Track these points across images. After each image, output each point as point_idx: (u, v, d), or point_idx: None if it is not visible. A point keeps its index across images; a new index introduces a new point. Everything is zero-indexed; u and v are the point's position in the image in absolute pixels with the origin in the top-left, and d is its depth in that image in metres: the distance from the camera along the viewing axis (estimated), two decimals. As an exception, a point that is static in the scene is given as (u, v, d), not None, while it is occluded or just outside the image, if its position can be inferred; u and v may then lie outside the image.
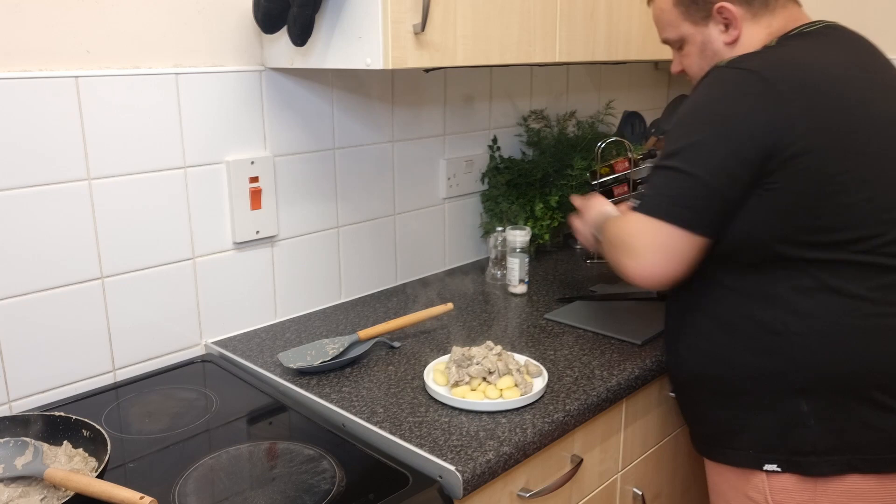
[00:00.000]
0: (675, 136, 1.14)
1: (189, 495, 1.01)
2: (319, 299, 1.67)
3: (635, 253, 1.13)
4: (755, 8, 1.21)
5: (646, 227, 1.13)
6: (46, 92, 1.20)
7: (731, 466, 1.23)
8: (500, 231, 1.82)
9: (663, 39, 1.33)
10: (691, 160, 1.10)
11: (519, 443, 1.12)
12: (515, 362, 1.28)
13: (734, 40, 1.22)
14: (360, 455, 1.11)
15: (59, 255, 1.25)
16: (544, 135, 2.09)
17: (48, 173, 1.22)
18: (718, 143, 1.09)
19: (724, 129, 1.09)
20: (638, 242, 1.13)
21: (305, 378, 1.32)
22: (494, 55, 1.41)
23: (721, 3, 1.21)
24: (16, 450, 1.05)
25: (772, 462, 1.17)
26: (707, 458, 1.30)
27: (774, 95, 1.07)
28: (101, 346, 1.33)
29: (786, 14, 1.22)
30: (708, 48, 1.25)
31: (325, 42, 1.31)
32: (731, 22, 1.21)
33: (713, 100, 1.13)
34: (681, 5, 1.26)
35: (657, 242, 1.12)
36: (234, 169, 1.45)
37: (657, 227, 1.11)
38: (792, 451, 1.15)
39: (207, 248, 1.45)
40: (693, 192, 1.10)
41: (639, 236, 1.13)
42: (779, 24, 1.21)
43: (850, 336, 1.11)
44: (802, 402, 1.13)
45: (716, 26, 1.23)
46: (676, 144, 1.13)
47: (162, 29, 1.32)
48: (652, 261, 1.12)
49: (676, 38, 1.30)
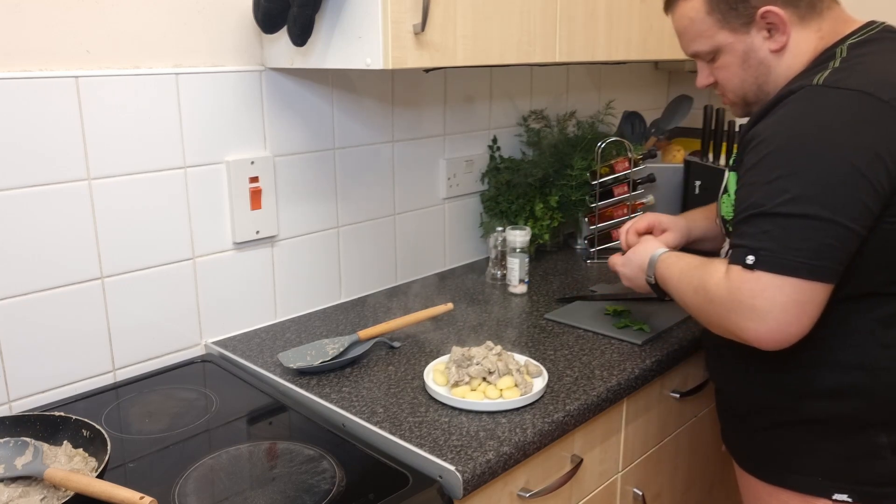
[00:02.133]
0: (787, 175, 1.00)
1: (189, 495, 1.01)
2: (319, 299, 1.67)
3: (761, 315, 1.00)
4: (802, 10, 1.11)
5: (773, 285, 0.99)
6: (46, 92, 1.20)
7: (791, 491, 1.16)
8: (500, 231, 1.82)
9: (692, 53, 1.22)
10: (826, 204, 0.97)
11: (519, 443, 1.12)
12: (515, 362, 1.28)
13: (781, 47, 1.12)
14: (360, 455, 1.11)
15: (59, 255, 1.25)
16: (544, 135, 2.09)
17: (48, 173, 1.22)
18: (853, 180, 0.97)
19: (855, 163, 0.97)
20: (764, 304, 0.99)
21: (305, 378, 1.32)
22: (494, 55, 1.41)
23: (767, 7, 1.10)
24: (16, 450, 1.05)
25: (842, 492, 1.11)
26: (764, 480, 1.21)
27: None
28: (101, 346, 1.33)
29: (833, 16, 1.13)
30: (752, 57, 1.14)
31: (325, 42, 1.31)
32: (778, 27, 1.11)
33: (828, 129, 1.00)
34: (716, 12, 1.14)
35: (789, 301, 0.99)
36: (234, 169, 1.45)
37: (790, 285, 0.98)
38: (865, 482, 1.10)
39: (207, 248, 1.45)
40: (832, 241, 0.98)
41: (764, 296, 0.99)
42: (828, 28, 1.12)
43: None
44: (882, 435, 1.08)
45: (759, 33, 1.12)
46: (797, 186, 0.98)
47: (162, 29, 1.32)
48: (784, 321, 0.99)
49: (710, 49, 1.18)
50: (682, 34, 1.22)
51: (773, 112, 1.07)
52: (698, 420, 1.64)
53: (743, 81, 1.18)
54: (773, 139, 1.03)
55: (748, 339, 1.03)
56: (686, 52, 1.24)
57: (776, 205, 1.00)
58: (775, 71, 1.15)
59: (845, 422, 1.10)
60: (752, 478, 1.24)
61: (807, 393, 1.12)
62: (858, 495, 1.11)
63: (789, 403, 1.14)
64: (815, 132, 1.01)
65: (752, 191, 1.04)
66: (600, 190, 1.97)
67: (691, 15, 1.17)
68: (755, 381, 1.18)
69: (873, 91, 1.00)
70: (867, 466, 1.10)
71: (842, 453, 1.11)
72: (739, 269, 1.03)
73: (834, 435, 1.12)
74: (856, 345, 1.08)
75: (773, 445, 1.19)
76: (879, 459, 1.10)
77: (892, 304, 1.07)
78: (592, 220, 2.00)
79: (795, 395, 1.13)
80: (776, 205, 1.00)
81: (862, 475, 1.11)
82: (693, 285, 1.14)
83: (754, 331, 1.01)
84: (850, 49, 1.08)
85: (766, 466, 1.21)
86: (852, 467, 1.11)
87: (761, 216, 1.01)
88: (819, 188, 0.98)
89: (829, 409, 1.11)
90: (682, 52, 1.26)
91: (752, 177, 1.05)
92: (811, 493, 1.14)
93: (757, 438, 1.21)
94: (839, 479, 1.12)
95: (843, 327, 1.08)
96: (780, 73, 1.14)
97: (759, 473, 1.22)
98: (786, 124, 1.03)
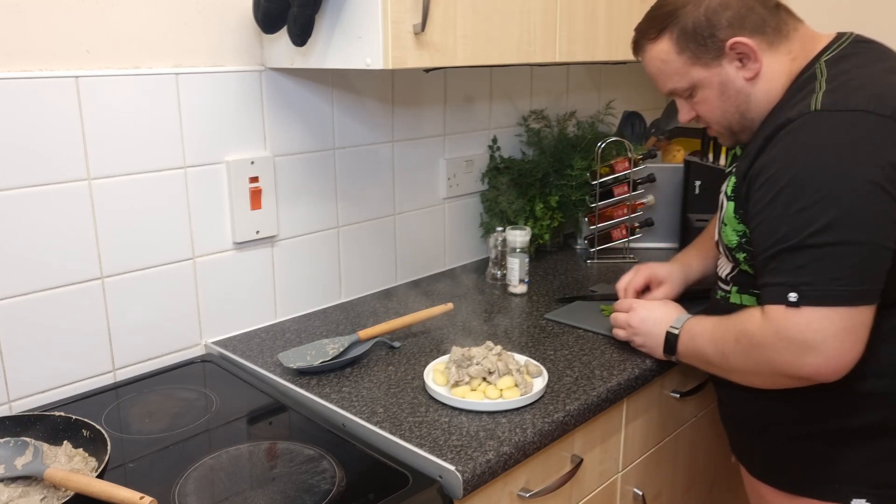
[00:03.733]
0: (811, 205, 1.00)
1: (189, 495, 1.01)
2: (319, 299, 1.67)
3: (815, 348, 1.00)
4: (770, 36, 1.13)
5: (821, 317, 0.99)
6: (46, 92, 1.20)
7: (808, 499, 1.16)
8: (500, 231, 1.82)
9: (668, 91, 1.23)
10: (857, 227, 0.98)
11: (519, 443, 1.12)
12: (515, 362, 1.28)
13: (755, 74, 1.13)
14: (360, 455, 1.11)
15: (59, 255, 1.25)
16: (544, 135, 2.09)
17: (48, 173, 1.22)
18: (878, 199, 0.98)
19: (874, 180, 0.98)
20: (816, 336, 1.00)
21: (305, 378, 1.32)
22: (494, 55, 1.41)
23: (735, 39, 1.11)
24: (16, 450, 1.05)
25: (860, 496, 1.11)
26: (779, 488, 1.21)
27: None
28: (101, 346, 1.33)
29: (799, 36, 1.15)
30: (729, 88, 1.16)
31: (325, 42, 1.31)
32: (749, 55, 1.13)
33: (840, 152, 1.00)
34: (686, 50, 1.16)
35: (841, 330, 0.99)
36: (234, 169, 1.45)
37: (838, 315, 0.99)
38: (883, 486, 1.11)
39: (207, 248, 1.45)
40: (869, 262, 0.99)
41: (814, 330, 1.00)
42: (798, 48, 1.14)
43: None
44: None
45: (731, 63, 1.14)
46: (824, 215, 0.99)
47: (162, 29, 1.32)
48: (840, 350, 1.00)
49: (686, 86, 1.19)
50: (656, 76, 1.23)
51: (773, 144, 1.07)
52: (698, 420, 1.64)
53: (724, 112, 1.19)
54: (786, 171, 1.03)
55: (807, 374, 1.02)
56: (663, 92, 1.25)
57: (805, 237, 1.00)
58: (755, 98, 1.16)
59: (871, 429, 1.10)
60: (766, 486, 1.23)
61: (833, 405, 1.11)
62: (878, 499, 1.11)
63: (814, 416, 1.14)
64: (826, 158, 1.01)
65: (775, 226, 1.03)
66: (600, 190, 1.97)
67: (662, 57, 1.19)
68: (774, 398, 1.16)
69: (874, 108, 1.01)
70: (886, 470, 1.10)
71: (861, 459, 1.11)
72: (783, 309, 1.02)
73: (854, 443, 1.11)
74: (880, 352, 1.07)
75: (790, 456, 1.18)
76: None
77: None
78: (592, 220, 2.00)
79: (818, 407, 1.13)
80: (805, 237, 1.00)
81: (881, 479, 1.11)
82: (733, 335, 1.12)
83: (813, 365, 1.01)
84: (828, 66, 1.09)
85: (782, 475, 1.20)
86: (871, 472, 1.11)
87: (792, 251, 1.01)
88: (844, 213, 0.98)
89: (856, 418, 1.10)
90: None
91: (771, 211, 1.04)
92: (829, 499, 1.14)
93: (773, 450, 1.20)
94: (858, 483, 1.12)
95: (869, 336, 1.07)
96: (760, 99, 1.15)
97: (773, 482, 1.21)
98: (794, 154, 1.03)
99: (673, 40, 1.17)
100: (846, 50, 1.12)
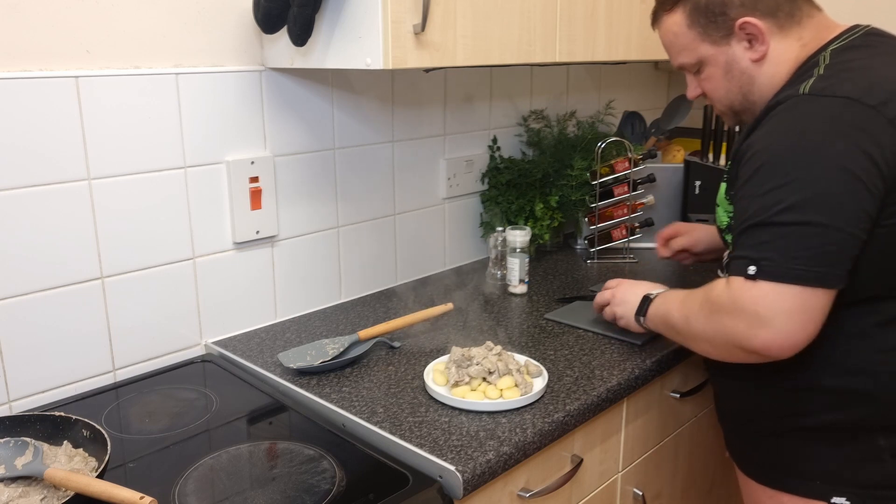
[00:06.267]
0: (782, 185, 1.01)
1: (189, 495, 1.01)
2: (319, 299, 1.67)
3: (765, 322, 1.01)
4: (781, 20, 1.13)
5: (776, 293, 1.00)
6: (46, 92, 1.20)
7: (791, 495, 1.17)
8: (500, 231, 1.82)
9: (678, 65, 1.25)
10: (822, 210, 0.98)
11: (519, 443, 1.12)
12: (515, 362, 1.28)
13: (761, 57, 1.14)
14: (360, 455, 1.11)
15: (59, 255, 1.25)
16: (544, 135, 2.09)
17: (48, 173, 1.22)
18: (848, 185, 0.98)
19: (848, 167, 0.98)
20: (767, 311, 1.00)
21: (305, 378, 1.32)
22: (494, 55, 1.41)
23: (744, 19, 1.12)
24: (16, 450, 1.05)
25: (841, 495, 1.11)
26: (764, 484, 1.22)
27: (884, 122, 1.00)
28: (101, 346, 1.33)
29: (814, 24, 1.14)
30: (734, 68, 1.17)
31: (325, 42, 1.31)
32: (757, 37, 1.13)
33: (817, 136, 1.01)
34: (697, 26, 1.17)
35: (793, 308, 0.99)
36: (234, 169, 1.45)
37: (792, 293, 0.99)
38: (863, 486, 1.11)
39: (207, 248, 1.45)
40: (832, 246, 0.99)
41: (766, 304, 1.00)
42: (810, 35, 1.14)
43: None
44: (880, 438, 1.09)
45: (739, 43, 1.15)
46: (793, 195, 0.99)
47: (162, 29, 1.32)
48: (789, 328, 1.00)
49: (694, 61, 1.21)
50: (668, 48, 1.26)
51: (762, 124, 1.08)
52: (698, 420, 1.64)
53: (728, 91, 1.20)
54: (765, 151, 1.04)
55: (757, 347, 1.03)
56: (674, 65, 1.27)
57: (772, 215, 1.01)
58: (759, 80, 1.16)
59: (847, 427, 1.10)
60: (753, 482, 1.24)
61: (808, 400, 1.12)
62: (857, 498, 1.11)
63: (790, 411, 1.14)
64: (804, 141, 1.01)
65: (748, 203, 1.05)
66: (600, 190, 1.97)
67: (674, 29, 1.21)
68: (756, 390, 1.18)
69: (859, 97, 1.01)
70: (866, 470, 1.10)
71: (841, 457, 1.11)
72: (741, 280, 1.03)
73: (834, 440, 1.12)
74: (855, 350, 1.08)
75: (773, 451, 1.19)
76: (879, 463, 1.10)
77: (890, 308, 1.07)
78: (592, 220, 2.00)
79: (796, 402, 1.13)
80: (772, 215, 1.01)
81: (861, 478, 1.11)
82: (699, 301, 1.14)
83: (763, 339, 1.01)
84: (833, 55, 1.09)
85: (767, 471, 1.21)
86: (851, 471, 1.11)
87: (758, 227, 1.02)
88: (813, 195, 0.99)
89: (831, 415, 1.11)
90: None
91: (747, 189, 1.05)
92: (810, 496, 1.14)
93: (758, 444, 1.21)
94: (838, 482, 1.12)
95: (843, 333, 1.08)
96: (764, 83, 1.16)
97: (759, 478, 1.22)
98: (775, 135, 1.04)
99: (686, 13, 1.19)
100: (855, 41, 1.12)
